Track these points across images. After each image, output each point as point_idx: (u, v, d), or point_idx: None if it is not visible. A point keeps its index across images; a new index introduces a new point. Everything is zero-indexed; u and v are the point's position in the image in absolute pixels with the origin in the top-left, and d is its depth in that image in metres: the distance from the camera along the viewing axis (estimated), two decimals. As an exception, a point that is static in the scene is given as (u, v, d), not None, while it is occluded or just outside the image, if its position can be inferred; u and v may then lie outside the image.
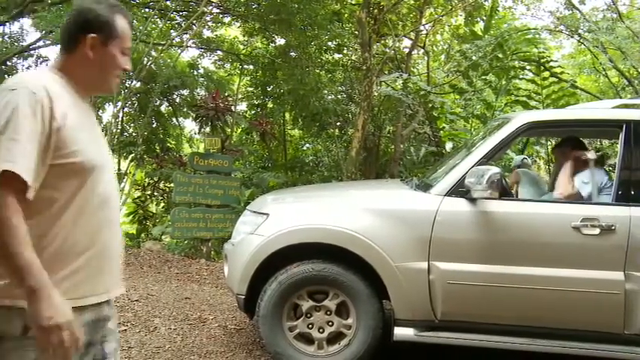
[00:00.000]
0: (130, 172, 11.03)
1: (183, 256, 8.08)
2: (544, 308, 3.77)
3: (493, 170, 3.66)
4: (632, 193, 3.85)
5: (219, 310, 5.37)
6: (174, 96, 13.15)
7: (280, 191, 6.17)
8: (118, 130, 10.37)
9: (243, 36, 13.13)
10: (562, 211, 3.91)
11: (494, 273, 3.75)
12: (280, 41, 12.20)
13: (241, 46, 13.44)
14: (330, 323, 3.99)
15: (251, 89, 13.82)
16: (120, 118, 10.58)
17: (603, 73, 12.00)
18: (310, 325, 4.00)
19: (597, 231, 3.71)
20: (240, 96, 13.94)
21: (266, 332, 4.00)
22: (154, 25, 11.04)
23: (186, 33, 11.35)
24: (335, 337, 4.00)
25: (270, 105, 13.54)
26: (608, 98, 9.42)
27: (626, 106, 4.40)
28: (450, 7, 12.61)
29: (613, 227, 3.70)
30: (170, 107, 13.53)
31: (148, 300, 5.47)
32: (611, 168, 5.80)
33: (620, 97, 8.72)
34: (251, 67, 13.28)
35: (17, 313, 1.71)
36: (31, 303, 1.66)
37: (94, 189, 1.85)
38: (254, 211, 4.37)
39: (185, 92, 13.18)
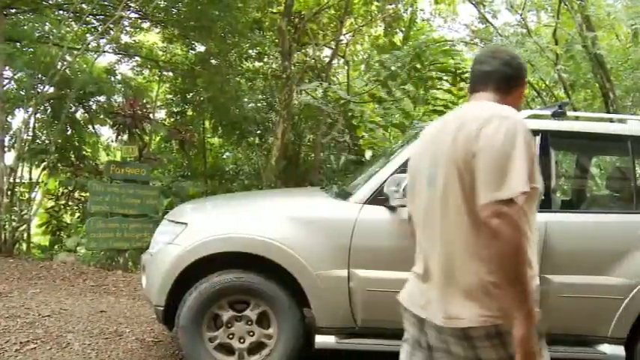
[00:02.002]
0: (42, 181, 10.60)
1: (98, 268, 7.80)
2: None
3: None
4: (545, 200, 4.00)
5: (136, 323, 5.22)
6: (91, 102, 12.72)
7: (199, 200, 6.10)
8: (29, 137, 9.92)
9: (163, 42, 12.89)
10: None
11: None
12: (200, 48, 12.05)
13: (160, 53, 13.19)
14: (251, 333, 3.95)
15: (170, 96, 13.56)
16: (31, 125, 10.14)
17: (514, 84, 12.49)
18: (231, 336, 3.95)
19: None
20: (159, 103, 13.65)
21: (186, 343, 3.92)
22: (68, 29, 10.66)
23: (102, 37, 11.01)
24: (256, 347, 3.97)
25: (189, 113, 13.34)
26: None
27: (535, 116, 4.59)
28: (370, 17, 12.84)
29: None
30: (86, 114, 13.08)
31: (60, 315, 5.24)
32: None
33: (531, 108, 9.09)
34: (170, 74, 13.04)
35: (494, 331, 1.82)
36: (523, 327, 1.73)
37: None
38: (172, 221, 4.29)
39: (102, 99, 12.77)
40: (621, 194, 4.90)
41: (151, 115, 10.71)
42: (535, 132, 4.06)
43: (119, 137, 10.19)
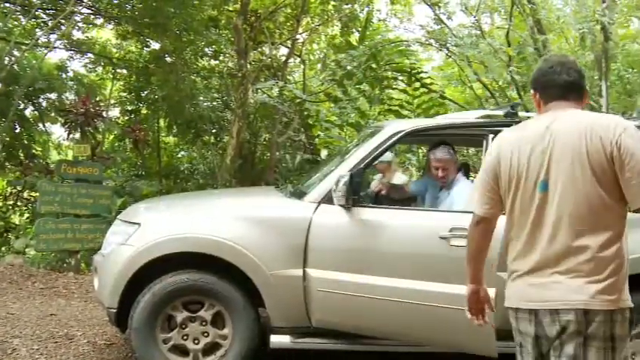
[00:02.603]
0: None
1: (48, 270, 7.60)
2: (407, 321, 3.70)
3: (345, 177, 3.67)
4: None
5: (88, 326, 5.10)
6: (41, 99, 12.40)
7: (153, 200, 6.01)
8: (-26, 136, 9.62)
9: (116, 39, 12.65)
10: (430, 220, 4.03)
11: (359, 283, 3.71)
12: (155, 46, 11.87)
13: (114, 50, 12.94)
14: (206, 334, 3.91)
15: (124, 94, 13.31)
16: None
17: (469, 85, 12.70)
18: (185, 337, 3.90)
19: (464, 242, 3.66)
20: (112, 101, 13.39)
21: (139, 346, 3.86)
22: (16, 23, 10.37)
23: (53, 33, 10.74)
24: (211, 348, 3.93)
25: (144, 111, 13.12)
26: (473, 109, 9.98)
27: (489, 116, 4.66)
28: (326, 17, 12.85)
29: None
30: (36, 112, 12.74)
31: (7, 319, 5.09)
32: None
33: (484, 108, 9.26)
34: (124, 71, 12.81)
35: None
36: None
37: None
38: (125, 221, 4.22)
39: (52, 96, 12.46)
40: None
41: (104, 114, 10.48)
42: (487, 132, 4.16)
43: (71, 136, 9.97)
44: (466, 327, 2.96)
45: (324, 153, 10.68)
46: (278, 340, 3.88)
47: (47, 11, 10.83)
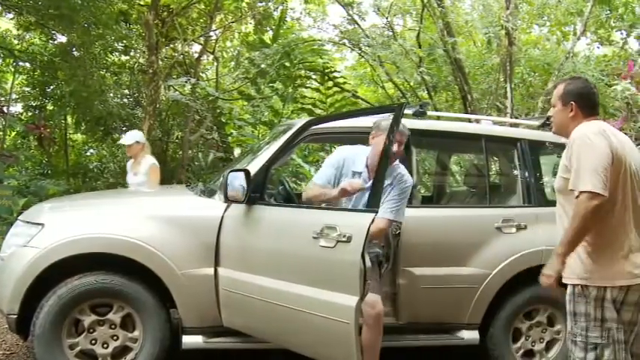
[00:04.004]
0: None
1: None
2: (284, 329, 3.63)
3: (239, 174, 3.61)
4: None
5: (-15, 334, 4.85)
6: None
7: (59, 199, 5.77)
8: None
9: (18, 30, 12.05)
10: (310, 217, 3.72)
11: (254, 284, 3.63)
12: (62, 39, 11.39)
13: (15, 41, 12.32)
14: (115, 337, 3.80)
15: (27, 89, 12.72)
16: None
17: (381, 85, 12.96)
18: (93, 341, 3.77)
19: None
20: (14, 96, 12.76)
21: (42, 353, 3.68)
22: None
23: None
24: (121, 352, 3.82)
25: (49, 107, 12.59)
26: (385, 108, 10.17)
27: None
28: (240, 14, 12.76)
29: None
30: None
31: None
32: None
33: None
34: (28, 65, 12.23)
35: None
36: None
37: None
38: (27, 222, 4.02)
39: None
40: (477, 190, 5.23)
41: (4, 109, 10.00)
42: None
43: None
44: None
45: (237, 151, 10.61)
46: (190, 340, 3.82)
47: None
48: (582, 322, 2.75)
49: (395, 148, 3.63)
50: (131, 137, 6.17)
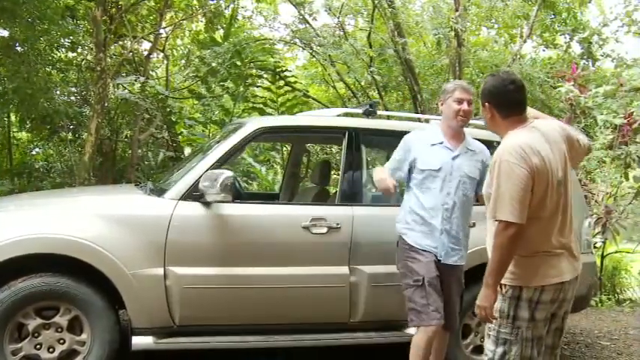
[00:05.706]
0: None
1: None
2: (277, 305, 3.99)
3: (226, 174, 3.73)
4: (354, 194, 4.26)
5: None
6: None
7: (2, 199, 5.62)
8: None
9: (-47, 23, 11.63)
10: (293, 212, 4.19)
11: (228, 275, 3.88)
12: (3, 33, 11.05)
13: (-50, 35, 11.89)
14: (62, 341, 3.73)
15: (-34, 86, 12.32)
16: None
17: (332, 84, 13.00)
18: (38, 346, 3.69)
19: (325, 230, 4.01)
20: (-49, 93, 12.33)
21: (-18, 360, 3.57)
22: None
23: None
24: (67, 356, 3.75)
25: (-8, 105, 12.21)
26: (336, 107, 10.24)
27: (348, 114, 4.82)
28: (190, 12, 12.62)
29: (339, 226, 4.05)
30: None
31: None
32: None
33: (345, 107, 9.52)
34: (-35, 60, 11.82)
35: None
36: None
37: None
38: (-31, 223, 3.89)
39: None
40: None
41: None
42: (344, 130, 4.32)
43: None
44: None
45: (187, 150, 10.51)
46: (140, 341, 3.78)
47: None
48: (497, 317, 2.85)
49: (465, 106, 3.90)
50: None
